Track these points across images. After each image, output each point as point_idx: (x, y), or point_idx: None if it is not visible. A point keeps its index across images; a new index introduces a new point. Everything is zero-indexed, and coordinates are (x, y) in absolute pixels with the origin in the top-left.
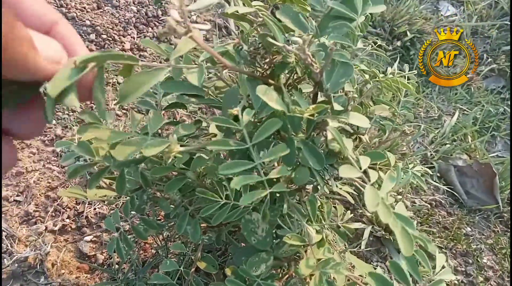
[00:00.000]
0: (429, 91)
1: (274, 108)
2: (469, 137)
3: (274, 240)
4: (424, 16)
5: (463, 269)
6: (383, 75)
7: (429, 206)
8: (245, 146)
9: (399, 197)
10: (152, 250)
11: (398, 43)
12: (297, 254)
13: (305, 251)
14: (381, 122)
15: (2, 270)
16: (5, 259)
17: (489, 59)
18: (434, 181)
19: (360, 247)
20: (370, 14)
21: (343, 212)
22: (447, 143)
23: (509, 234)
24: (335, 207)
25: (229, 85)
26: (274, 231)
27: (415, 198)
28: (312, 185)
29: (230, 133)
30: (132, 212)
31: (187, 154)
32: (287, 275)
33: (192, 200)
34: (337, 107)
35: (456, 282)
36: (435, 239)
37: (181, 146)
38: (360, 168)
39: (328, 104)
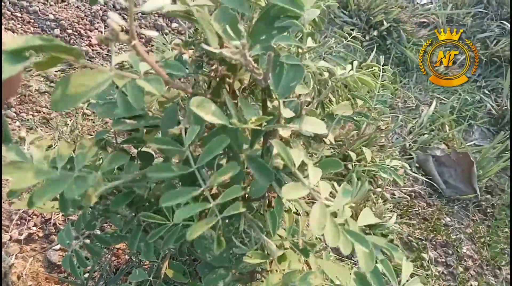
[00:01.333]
0: (406, 81)
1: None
2: (447, 127)
3: (232, 254)
4: (400, 5)
5: (443, 260)
6: (352, 69)
7: (408, 197)
8: (189, 170)
9: (378, 189)
10: (126, 256)
11: (375, 33)
12: (260, 267)
13: (270, 262)
14: (355, 117)
15: None
16: None
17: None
18: (413, 172)
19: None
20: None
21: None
22: (425, 133)
23: (487, 222)
24: (296, 220)
25: (171, 99)
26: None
27: (395, 190)
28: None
29: (171, 155)
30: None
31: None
32: None
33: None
34: (286, 114)
35: (436, 273)
36: (415, 230)
37: (112, 178)
38: (308, 184)
39: (276, 111)
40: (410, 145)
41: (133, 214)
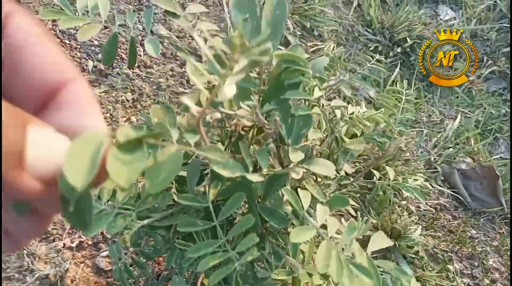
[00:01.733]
0: (430, 96)
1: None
2: (472, 140)
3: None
4: (423, 21)
5: (469, 272)
6: (382, 91)
7: (434, 210)
8: (211, 224)
9: (404, 202)
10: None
11: (399, 49)
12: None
13: (292, 280)
14: (378, 139)
15: None
16: (27, 277)
17: (489, 61)
18: (438, 185)
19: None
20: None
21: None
22: (450, 147)
23: None
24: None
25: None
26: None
27: (420, 203)
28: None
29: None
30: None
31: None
32: None
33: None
34: (295, 158)
35: (462, 285)
36: (440, 242)
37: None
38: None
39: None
40: (435, 158)
41: (171, 236)
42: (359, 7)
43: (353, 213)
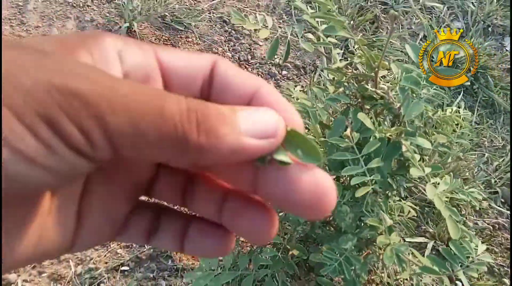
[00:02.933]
0: (493, 122)
1: (369, 128)
2: None
3: (357, 229)
4: (488, 53)
5: None
6: (443, 112)
7: (491, 228)
8: (357, 156)
9: (461, 218)
10: (247, 246)
11: None
12: (373, 239)
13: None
14: (439, 148)
15: (142, 252)
16: (144, 245)
17: None
18: (498, 206)
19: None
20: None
21: (409, 210)
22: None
23: None
24: (402, 207)
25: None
26: (357, 220)
27: (478, 220)
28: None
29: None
30: None
31: None
32: (365, 254)
33: None
34: (409, 129)
35: None
36: (497, 258)
37: None
38: (424, 171)
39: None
40: (495, 181)
41: None
42: (425, 38)
43: (415, 214)
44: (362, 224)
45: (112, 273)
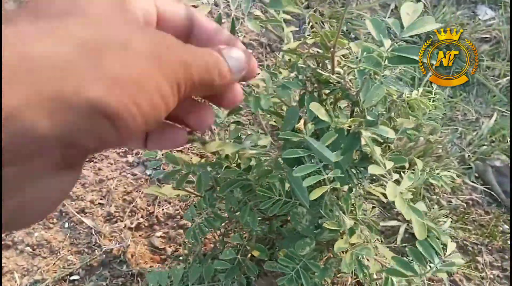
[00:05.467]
0: (466, 95)
1: (323, 119)
2: (508, 138)
3: (316, 230)
4: (461, 22)
5: (499, 264)
6: (411, 94)
7: (465, 205)
8: (309, 152)
9: (435, 196)
10: (211, 244)
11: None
12: (334, 240)
13: (341, 237)
14: (408, 132)
15: (93, 259)
16: (96, 250)
17: None
18: (472, 182)
19: (396, 242)
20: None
21: (371, 208)
22: (484, 145)
23: None
24: (365, 204)
25: (287, 105)
26: (315, 222)
27: (452, 198)
28: (347, 187)
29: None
30: (203, 207)
31: (249, 160)
32: (326, 257)
33: (250, 198)
34: (369, 118)
35: (491, 276)
36: (470, 236)
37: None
38: (385, 168)
39: (363, 117)
40: (469, 156)
41: (243, 197)
42: (396, 9)
43: (384, 200)
44: (322, 225)
45: (60, 284)
